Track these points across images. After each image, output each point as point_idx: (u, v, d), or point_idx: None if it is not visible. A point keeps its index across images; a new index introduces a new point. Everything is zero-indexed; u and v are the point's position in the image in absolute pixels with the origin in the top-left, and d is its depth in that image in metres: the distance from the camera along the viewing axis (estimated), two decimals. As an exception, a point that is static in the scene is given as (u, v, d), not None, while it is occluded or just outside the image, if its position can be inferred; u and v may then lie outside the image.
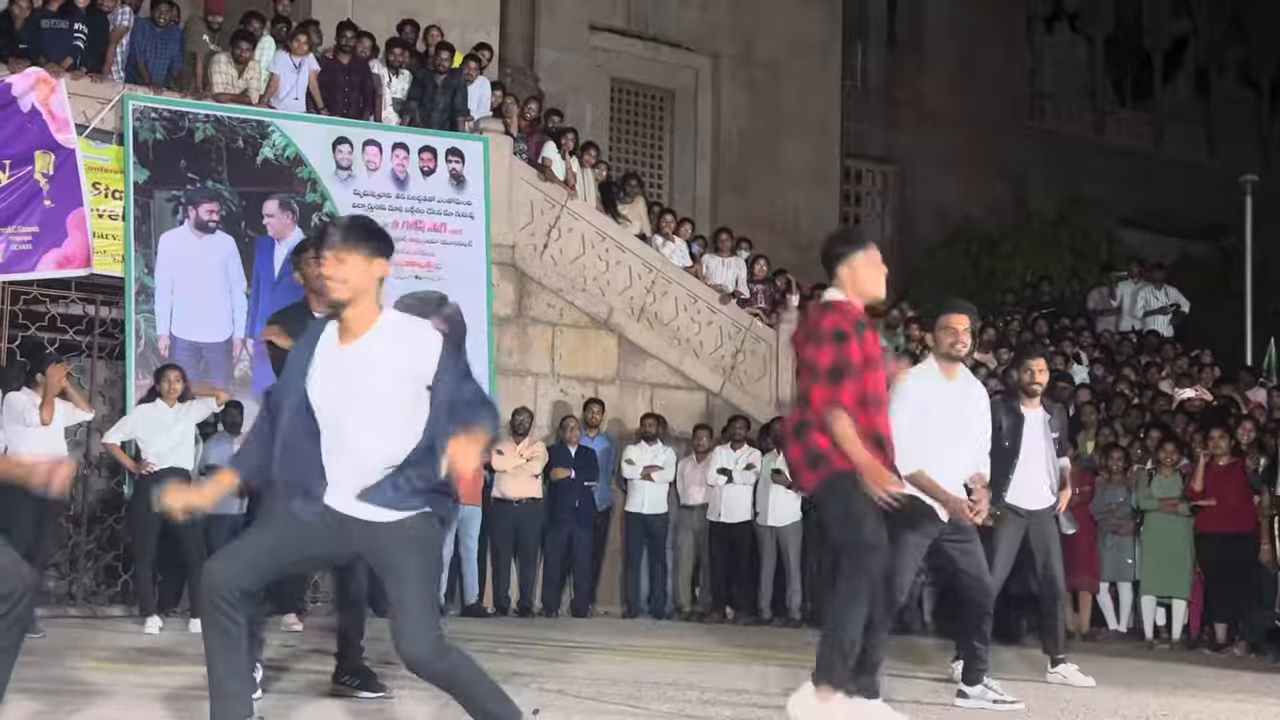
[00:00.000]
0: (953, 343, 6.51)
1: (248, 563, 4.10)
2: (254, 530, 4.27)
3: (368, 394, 4.04)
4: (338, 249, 4.08)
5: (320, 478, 4.10)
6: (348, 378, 4.06)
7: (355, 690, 6.11)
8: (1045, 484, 7.82)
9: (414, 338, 4.12)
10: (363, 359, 4.07)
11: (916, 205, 23.17)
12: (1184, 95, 27.46)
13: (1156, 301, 17.59)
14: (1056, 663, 7.90)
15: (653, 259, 14.54)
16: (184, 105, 12.52)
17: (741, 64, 20.65)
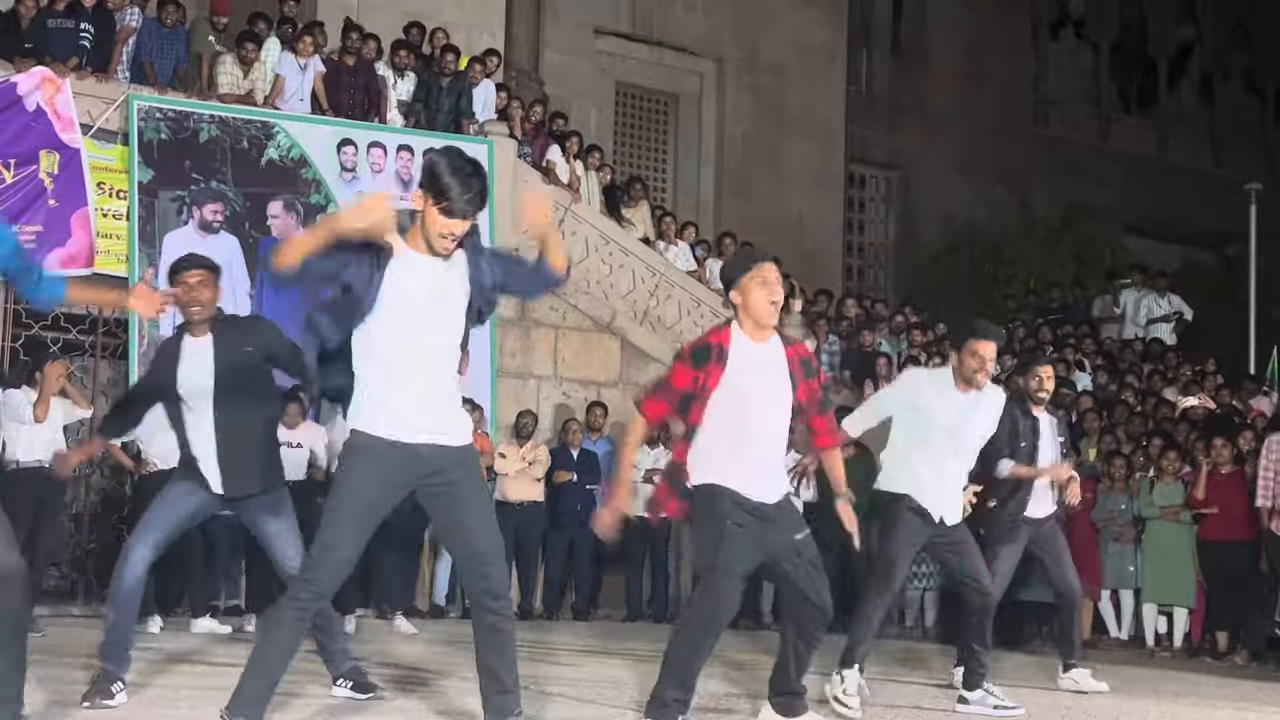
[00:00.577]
0: (977, 369, 6.59)
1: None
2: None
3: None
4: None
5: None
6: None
7: (349, 691, 6.12)
8: (1048, 492, 7.85)
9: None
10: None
11: (920, 210, 23.16)
12: (1189, 102, 27.45)
13: (1160, 309, 17.58)
14: (1069, 668, 7.92)
15: (656, 263, 14.54)
16: (189, 105, 12.53)
17: (745, 68, 20.65)
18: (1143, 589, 11.93)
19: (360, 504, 4.38)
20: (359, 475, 4.36)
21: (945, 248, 21.80)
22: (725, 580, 5.01)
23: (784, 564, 5.15)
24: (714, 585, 5.05)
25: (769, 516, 5.14)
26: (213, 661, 7.11)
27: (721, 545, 5.02)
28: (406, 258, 4.38)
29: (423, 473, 4.41)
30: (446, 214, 4.29)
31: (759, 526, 5.09)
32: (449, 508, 4.46)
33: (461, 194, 4.29)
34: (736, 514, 5.06)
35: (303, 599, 4.36)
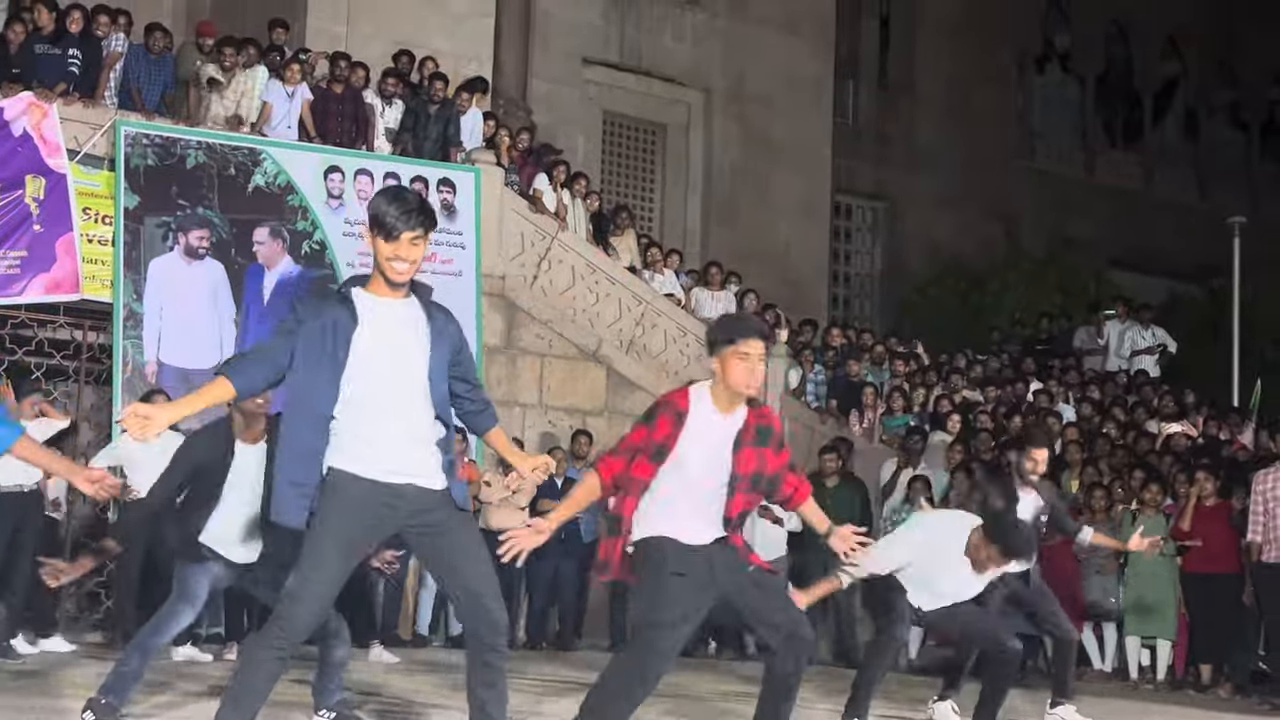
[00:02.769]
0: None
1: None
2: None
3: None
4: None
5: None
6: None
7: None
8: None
9: None
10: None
11: (906, 241, 23.25)
12: (1174, 137, 27.62)
13: (1144, 341, 17.64)
14: (1056, 704, 7.96)
15: (642, 291, 14.56)
16: (176, 132, 12.54)
17: (733, 99, 20.73)
18: (1125, 621, 11.93)
19: (339, 544, 4.35)
20: (337, 514, 4.33)
21: (931, 279, 21.87)
22: (658, 634, 4.82)
23: (740, 597, 4.98)
24: (647, 639, 4.87)
25: (712, 555, 4.95)
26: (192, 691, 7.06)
27: (659, 596, 4.83)
28: (366, 302, 4.44)
29: (405, 513, 4.39)
30: (387, 238, 4.34)
31: (703, 567, 4.91)
32: (439, 550, 4.45)
33: (398, 213, 4.34)
34: (675, 561, 4.87)
35: (276, 643, 4.32)
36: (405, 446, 4.37)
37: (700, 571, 4.89)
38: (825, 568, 12.14)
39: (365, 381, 4.35)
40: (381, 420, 4.35)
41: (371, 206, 4.40)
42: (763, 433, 5.07)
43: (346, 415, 4.35)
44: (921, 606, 6.84)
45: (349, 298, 4.44)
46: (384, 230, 4.34)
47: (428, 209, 4.44)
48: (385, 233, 4.34)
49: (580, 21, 19.57)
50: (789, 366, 15.17)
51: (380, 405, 4.36)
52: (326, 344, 4.35)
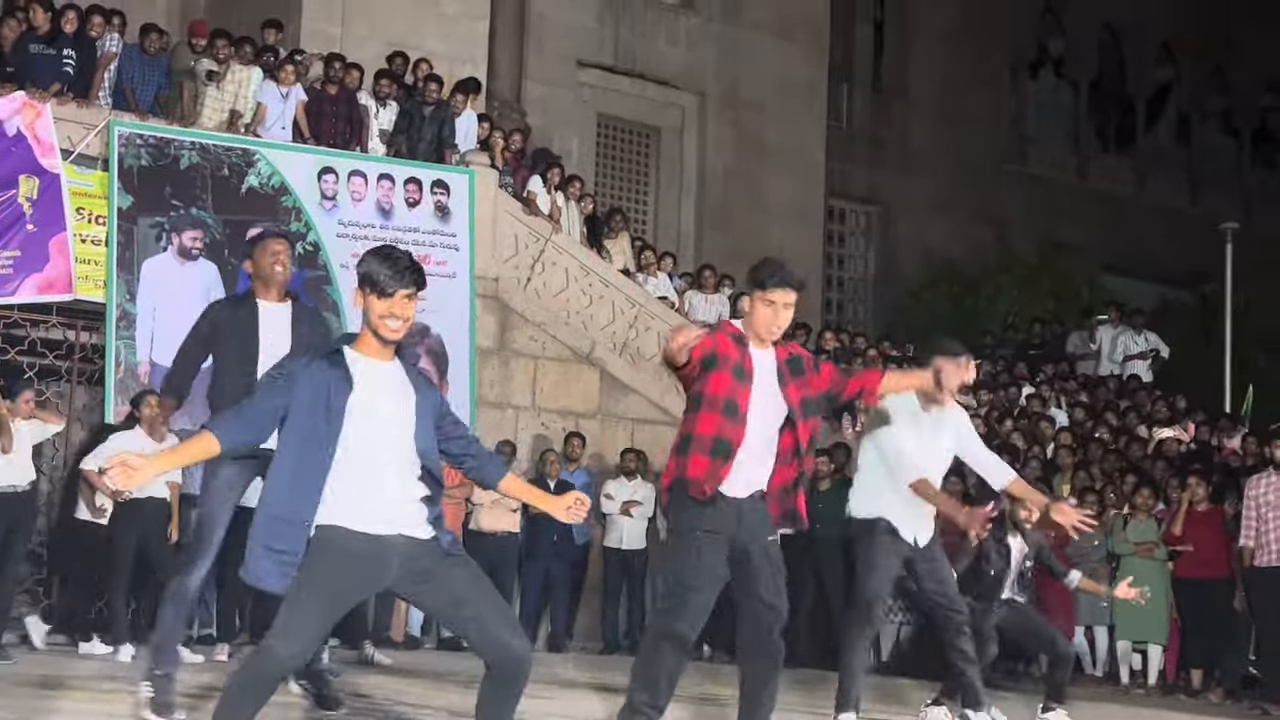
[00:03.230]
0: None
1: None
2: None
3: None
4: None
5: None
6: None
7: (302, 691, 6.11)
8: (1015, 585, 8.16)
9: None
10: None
11: (900, 246, 23.29)
12: (1166, 142, 27.68)
13: (1136, 346, 17.67)
14: (1048, 709, 7.96)
15: (636, 294, 14.57)
16: (170, 132, 12.52)
17: (727, 102, 20.76)
18: (1116, 626, 11.95)
19: (328, 597, 4.29)
20: (326, 570, 4.26)
21: (924, 283, 21.91)
22: (693, 595, 5.07)
23: (748, 561, 5.13)
24: (673, 599, 5.11)
25: (742, 511, 5.15)
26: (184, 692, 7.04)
27: (691, 559, 5.08)
28: (360, 364, 4.42)
29: (395, 566, 4.34)
30: (380, 295, 4.36)
31: (730, 522, 5.12)
32: (438, 592, 4.39)
33: (390, 272, 4.37)
34: (708, 519, 5.08)
35: (266, 669, 4.25)
36: (395, 503, 4.34)
37: (728, 527, 5.11)
38: (817, 569, 12.23)
39: (357, 443, 4.31)
40: (371, 480, 4.32)
41: (362, 266, 4.42)
42: (794, 362, 5.33)
43: (336, 477, 4.31)
44: (898, 520, 6.63)
45: (342, 358, 4.40)
46: (377, 288, 4.36)
47: (418, 267, 4.46)
48: (378, 291, 4.36)
49: (575, 24, 19.59)
50: (782, 370, 15.18)
51: (371, 465, 4.32)
52: (319, 408, 4.31)
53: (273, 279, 6.15)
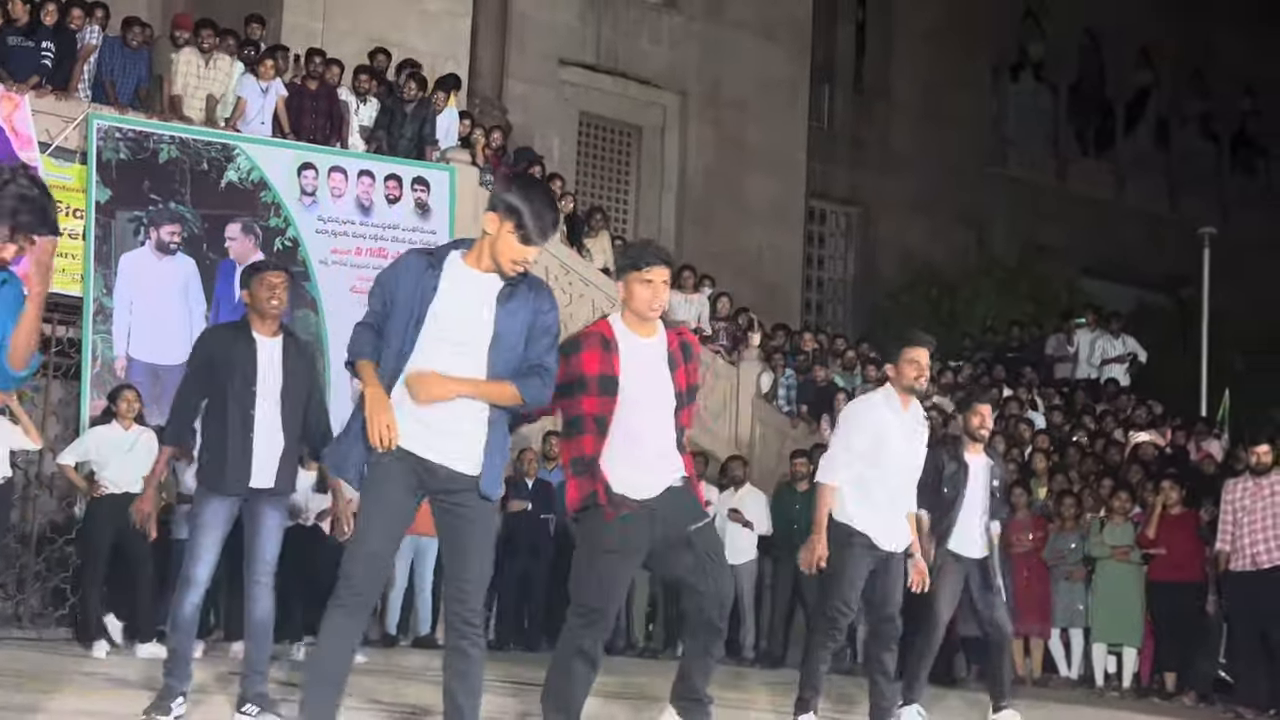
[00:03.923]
0: (916, 375, 6.61)
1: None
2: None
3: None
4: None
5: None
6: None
7: (255, 718, 6.07)
8: (981, 531, 7.87)
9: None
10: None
11: (880, 247, 23.33)
12: (1145, 146, 27.80)
13: (1113, 350, 17.73)
14: (999, 709, 7.87)
15: (616, 293, 14.54)
16: (149, 126, 12.47)
17: (709, 102, 20.76)
18: (1092, 628, 12.00)
19: (383, 504, 4.47)
20: (379, 478, 4.47)
21: (904, 285, 21.94)
22: (590, 614, 5.06)
23: (670, 555, 5.12)
24: (581, 617, 5.08)
25: (654, 514, 5.09)
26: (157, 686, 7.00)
27: (594, 582, 5.05)
28: (460, 273, 4.51)
29: (434, 486, 4.50)
30: (522, 239, 4.42)
31: (644, 532, 5.06)
32: (454, 529, 4.55)
33: (538, 226, 4.42)
34: (618, 535, 5.02)
35: (341, 596, 4.47)
36: (443, 427, 4.48)
37: (641, 528, 5.04)
38: (795, 571, 12.23)
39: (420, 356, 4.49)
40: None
41: (514, 197, 4.44)
42: (686, 349, 5.27)
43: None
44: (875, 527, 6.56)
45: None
46: (521, 231, 4.42)
47: (558, 220, 4.61)
48: (523, 235, 4.42)
49: (557, 23, 19.57)
50: (761, 370, 15.20)
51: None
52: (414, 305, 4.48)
53: (268, 312, 6.15)
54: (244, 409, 6.06)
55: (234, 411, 6.07)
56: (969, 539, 7.78)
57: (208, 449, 6.18)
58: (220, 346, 6.17)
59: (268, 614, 6.15)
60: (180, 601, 6.10)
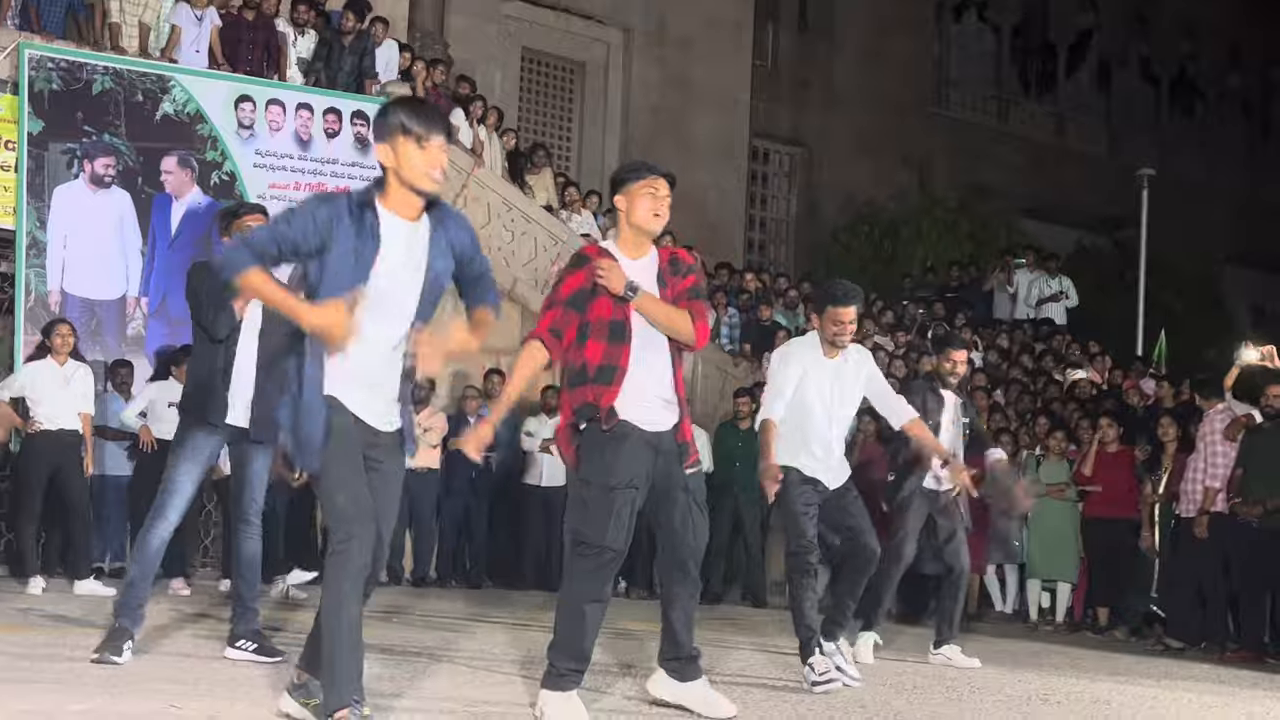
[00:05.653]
0: (837, 333, 6.63)
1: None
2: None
3: None
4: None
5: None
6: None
7: (251, 654, 6.07)
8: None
9: None
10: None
11: (823, 188, 23.33)
12: (1086, 88, 27.93)
13: (1050, 290, 17.89)
14: (940, 644, 7.99)
15: (559, 231, 14.49)
16: (82, 56, 12.22)
17: (653, 39, 20.61)
18: (1027, 564, 12.17)
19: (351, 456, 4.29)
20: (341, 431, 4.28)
21: (845, 224, 21.99)
22: (603, 554, 4.92)
23: (664, 497, 5.05)
24: (592, 558, 4.93)
25: (661, 445, 5.04)
26: (99, 623, 6.96)
27: (606, 519, 4.89)
28: (390, 222, 4.31)
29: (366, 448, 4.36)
30: (420, 142, 4.19)
31: (649, 456, 4.99)
32: (373, 487, 4.36)
33: (424, 120, 4.21)
34: (625, 467, 4.92)
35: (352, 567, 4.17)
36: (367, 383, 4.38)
37: (645, 463, 4.98)
38: (736, 509, 12.33)
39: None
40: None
41: (391, 116, 4.22)
42: (675, 263, 5.21)
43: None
44: (811, 467, 6.59)
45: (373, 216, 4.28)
46: (412, 135, 4.19)
47: (446, 118, 4.38)
48: (417, 139, 4.19)
49: (500, -45, 19.31)
50: (703, 309, 15.19)
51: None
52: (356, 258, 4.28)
53: None
54: (227, 346, 6.07)
55: (217, 348, 6.07)
56: (940, 475, 7.89)
57: (191, 383, 6.20)
58: (208, 284, 6.06)
59: (256, 553, 6.18)
60: (149, 532, 6.04)
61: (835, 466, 6.73)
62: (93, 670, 5.48)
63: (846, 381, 6.71)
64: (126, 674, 5.45)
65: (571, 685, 4.90)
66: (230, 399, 6.06)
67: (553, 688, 4.89)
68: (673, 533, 5.13)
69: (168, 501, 6.06)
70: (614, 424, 4.95)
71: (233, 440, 6.17)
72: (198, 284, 6.16)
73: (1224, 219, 26.35)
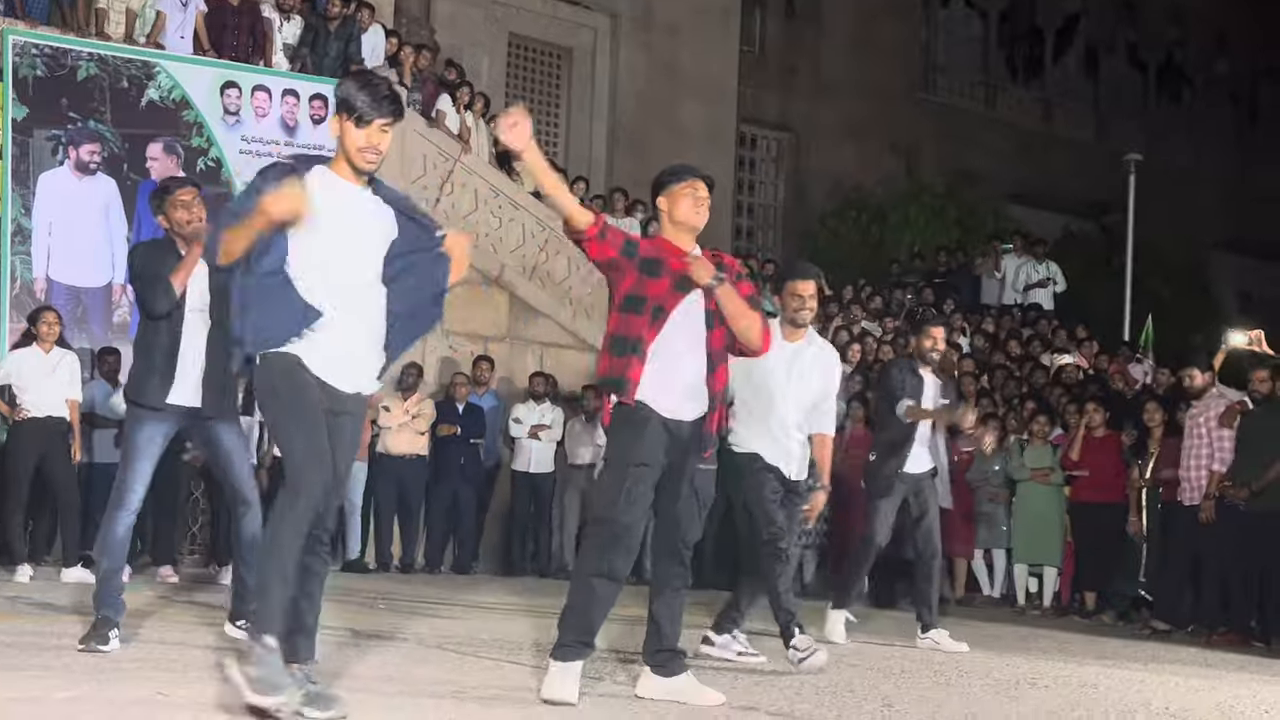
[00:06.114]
0: (798, 309, 6.61)
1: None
2: None
3: None
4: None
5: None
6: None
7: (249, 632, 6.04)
8: (926, 449, 8.00)
9: None
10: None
11: (810, 174, 23.32)
12: (1073, 74, 27.93)
13: (1037, 275, 17.93)
14: (927, 628, 8.00)
15: (546, 217, 14.46)
16: (66, 42, 12.16)
17: (640, 25, 20.57)
18: (1013, 549, 12.20)
19: (309, 408, 4.32)
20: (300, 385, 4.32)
21: (833, 210, 21.99)
22: (614, 528, 4.98)
23: (673, 487, 5.09)
24: (604, 533, 5.00)
25: (683, 435, 5.09)
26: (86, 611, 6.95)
27: (621, 496, 4.96)
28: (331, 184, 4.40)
29: (332, 408, 4.39)
30: (358, 123, 4.34)
31: (669, 444, 5.04)
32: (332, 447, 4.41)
33: (369, 99, 4.33)
34: (648, 447, 4.98)
35: (299, 509, 4.23)
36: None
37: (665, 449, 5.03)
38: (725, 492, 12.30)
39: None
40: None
41: (341, 90, 4.38)
42: (721, 267, 5.23)
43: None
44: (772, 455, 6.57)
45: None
46: (354, 115, 4.33)
47: (397, 96, 4.45)
48: (356, 118, 4.33)
49: (486, -59, 19.25)
50: (691, 295, 15.19)
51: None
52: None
53: (189, 235, 5.92)
54: (171, 325, 5.93)
55: (160, 327, 5.95)
56: (914, 456, 7.91)
57: (136, 365, 6.06)
58: (148, 263, 6.01)
59: (257, 533, 6.08)
60: (111, 524, 5.95)
61: (797, 453, 6.68)
62: (80, 658, 5.47)
63: (805, 365, 6.67)
64: (114, 661, 5.43)
65: (575, 657, 4.93)
66: (177, 378, 5.89)
67: (558, 658, 4.93)
68: (670, 522, 5.17)
69: (125, 495, 5.92)
70: (632, 401, 5.02)
71: (190, 423, 6.02)
72: (138, 263, 6.07)
73: (1211, 204, 26.41)
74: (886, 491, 7.93)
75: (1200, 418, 10.14)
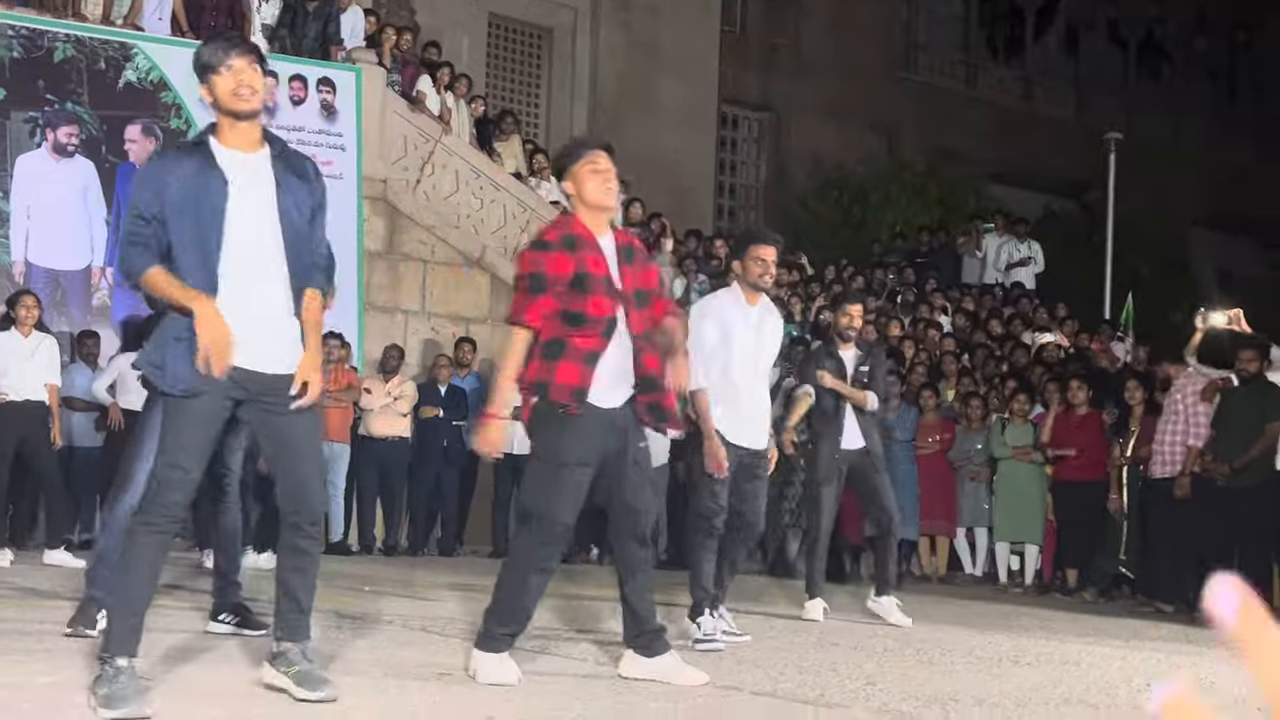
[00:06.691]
0: (761, 273, 6.55)
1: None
2: None
3: None
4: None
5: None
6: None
7: (233, 628, 6.02)
8: (855, 424, 8.02)
9: None
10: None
11: (792, 153, 23.31)
12: (1054, 52, 27.94)
13: (1018, 254, 17.96)
14: (881, 593, 8.04)
15: (527, 198, 14.43)
16: (43, 23, 12.07)
17: (620, 5, 20.51)
18: (995, 527, 12.26)
19: (199, 422, 4.21)
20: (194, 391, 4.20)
21: (814, 190, 21.99)
22: (554, 528, 4.89)
23: (615, 470, 4.99)
24: (542, 531, 4.90)
25: (613, 422, 4.98)
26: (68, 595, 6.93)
27: (557, 495, 4.85)
28: (232, 158, 4.33)
29: (256, 390, 4.28)
30: (219, 73, 4.30)
31: (600, 434, 4.92)
32: (281, 429, 4.34)
33: (216, 45, 4.32)
34: (580, 446, 4.87)
35: (156, 523, 4.20)
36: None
37: (597, 443, 4.91)
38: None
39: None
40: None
41: (193, 63, 4.35)
42: (628, 252, 5.11)
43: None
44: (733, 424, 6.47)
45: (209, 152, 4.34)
46: (213, 69, 4.28)
47: (250, 41, 4.44)
48: (215, 69, 4.28)
49: (465, -80, 19.16)
50: (674, 276, 15.21)
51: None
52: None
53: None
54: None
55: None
56: (850, 433, 7.96)
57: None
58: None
59: (236, 525, 6.09)
60: (118, 503, 5.86)
61: (758, 424, 6.64)
62: (62, 642, 5.45)
63: (765, 332, 6.64)
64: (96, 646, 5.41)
65: (505, 647, 4.92)
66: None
67: (486, 649, 4.89)
68: (624, 506, 5.07)
69: (137, 468, 5.83)
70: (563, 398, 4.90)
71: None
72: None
73: (1191, 182, 26.47)
74: (829, 479, 7.95)
75: (1178, 394, 10.19)
